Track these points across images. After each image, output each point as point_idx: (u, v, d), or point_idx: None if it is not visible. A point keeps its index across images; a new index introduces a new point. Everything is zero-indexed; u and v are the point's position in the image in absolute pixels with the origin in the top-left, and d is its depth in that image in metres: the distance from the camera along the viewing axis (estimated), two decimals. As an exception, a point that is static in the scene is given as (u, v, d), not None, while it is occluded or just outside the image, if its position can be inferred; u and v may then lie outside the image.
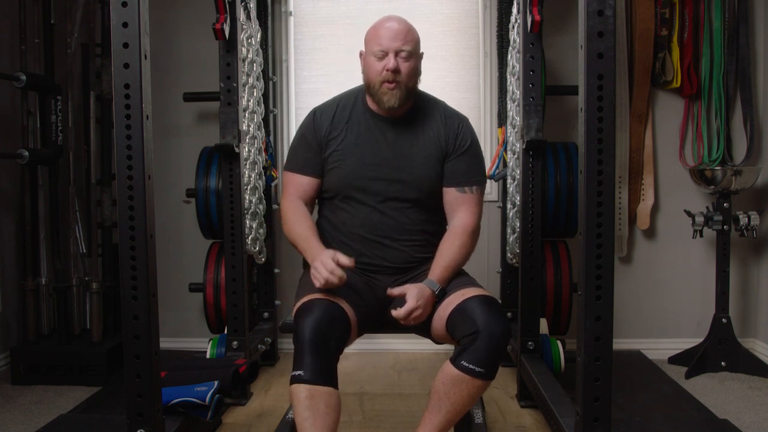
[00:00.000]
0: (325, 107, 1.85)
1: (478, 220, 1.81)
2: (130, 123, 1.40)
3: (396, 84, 1.71)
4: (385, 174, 1.76)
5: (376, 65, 1.71)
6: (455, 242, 1.75)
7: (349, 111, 1.82)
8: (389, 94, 1.72)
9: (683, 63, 2.95)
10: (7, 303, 2.84)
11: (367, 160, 1.77)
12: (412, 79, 1.74)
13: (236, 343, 2.48)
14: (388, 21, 1.74)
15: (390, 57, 1.70)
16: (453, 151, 1.80)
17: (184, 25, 3.13)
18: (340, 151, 1.78)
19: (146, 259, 1.43)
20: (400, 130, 1.79)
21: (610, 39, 1.32)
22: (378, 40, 1.71)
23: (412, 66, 1.73)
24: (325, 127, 1.80)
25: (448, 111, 1.86)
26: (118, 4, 1.38)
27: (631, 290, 3.08)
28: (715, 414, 2.26)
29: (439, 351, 3.01)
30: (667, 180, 3.07)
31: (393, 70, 1.69)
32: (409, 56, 1.72)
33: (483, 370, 1.51)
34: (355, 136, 1.79)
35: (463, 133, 1.82)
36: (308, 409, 1.45)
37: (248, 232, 2.61)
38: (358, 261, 1.76)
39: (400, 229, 1.78)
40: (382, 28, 1.72)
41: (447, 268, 1.71)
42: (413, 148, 1.78)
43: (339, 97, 1.88)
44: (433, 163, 1.78)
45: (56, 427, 1.96)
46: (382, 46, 1.70)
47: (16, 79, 2.58)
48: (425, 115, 1.82)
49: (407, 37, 1.71)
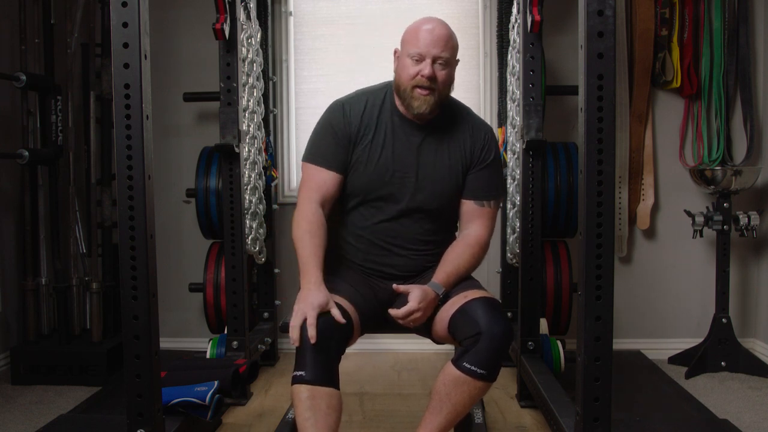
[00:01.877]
0: (354, 101, 1.75)
1: (491, 233, 1.78)
2: (130, 123, 1.40)
3: (430, 91, 1.65)
4: (408, 181, 1.72)
5: (411, 69, 1.64)
6: (466, 251, 1.72)
7: (378, 109, 1.73)
8: (421, 100, 1.66)
9: (683, 63, 2.95)
10: (7, 303, 2.84)
11: (391, 164, 1.71)
12: (446, 88, 1.69)
13: (236, 343, 2.48)
14: (430, 23, 1.65)
15: (427, 63, 1.63)
16: (477, 163, 1.75)
17: (184, 25, 3.13)
18: (366, 151, 1.71)
19: (146, 259, 1.43)
20: (426, 135, 1.74)
21: (610, 39, 1.32)
22: (417, 42, 1.64)
23: (448, 74, 1.67)
24: (355, 122, 1.71)
25: (476, 121, 1.80)
26: (118, 4, 1.38)
27: (631, 290, 3.08)
28: (715, 414, 2.26)
29: (439, 351, 3.01)
30: (667, 180, 3.07)
31: (429, 77, 1.63)
32: (447, 64, 1.66)
33: (485, 372, 1.51)
34: (382, 137, 1.72)
35: (488, 145, 1.77)
36: (310, 410, 1.45)
37: (248, 232, 2.61)
38: (363, 265, 1.76)
39: (411, 238, 1.75)
40: (423, 31, 1.64)
41: (453, 274, 1.68)
42: (438, 155, 1.73)
43: (366, 91, 1.79)
44: (455, 174, 1.74)
45: (56, 427, 1.96)
46: (420, 50, 1.63)
47: (16, 79, 2.58)
48: (453, 122, 1.76)
49: (448, 44, 1.64)
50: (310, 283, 1.56)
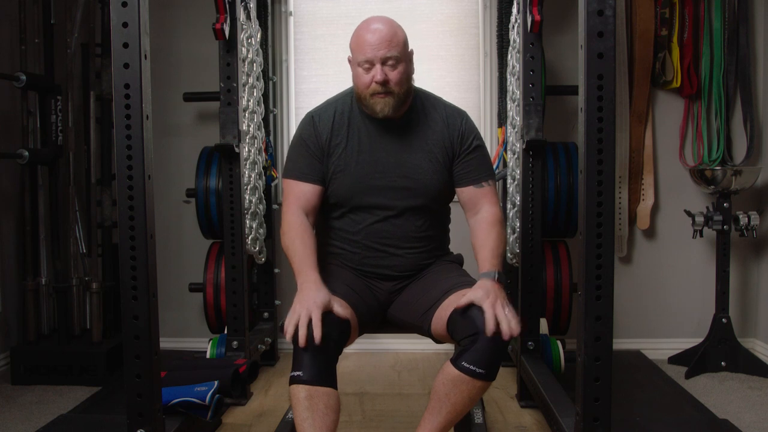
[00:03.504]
0: (322, 112, 1.76)
1: (501, 208, 1.80)
2: (130, 123, 1.40)
3: (387, 94, 1.64)
4: (391, 182, 1.71)
5: (364, 77, 1.64)
6: (491, 231, 1.69)
7: (347, 116, 1.74)
8: (381, 104, 1.65)
9: (683, 63, 2.95)
10: (7, 303, 2.84)
11: (370, 169, 1.71)
12: (404, 86, 1.66)
13: (236, 343, 2.48)
14: (371, 24, 1.63)
15: (377, 68, 1.61)
16: (462, 151, 1.75)
17: (184, 25, 3.13)
18: (342, 159, 1.71)
19: (146, 259, 1.43)
20: (401, 134, 1.74)
21: (610, 39, 1.32)
22: (363, 49, 1.62)
23: (402, 72, 1.65)
24: (325, 133, 1.72)
25: (449, 110, 1.79)
26: (118, 4, 1.38)
27: (631, 290, 3.08)
28: (715, 414, 2.26)
29: (439, 351, 3.01)
30: (667, 180, 3.07)
31: (381, 82, 1.62)
32: (397, 62, 1.63)
33: (483, 371, 1.50)
34: (356, 144, 1.72)
35: (467, 130, 1.76)
36: (308, 410, 1.45)
37: (248, 232, 2.61)
38: (360, 267, 1.76)
39: (405, 237, 1.74)
40: (365, 36, 1.62)
41: (494, 255, 1.65)
42: (417, 152, 1.73)
43: (333, 100, 1.79)
44: (438, 167, 1.74)
45: (56, 427, 1.96)
46: (367, 56, 1.62)
47: (16, 79, 2.58)
48: (426, 115, 1.76)
49: (392, 42, 1.61)
50: (309, 282, 1.55)
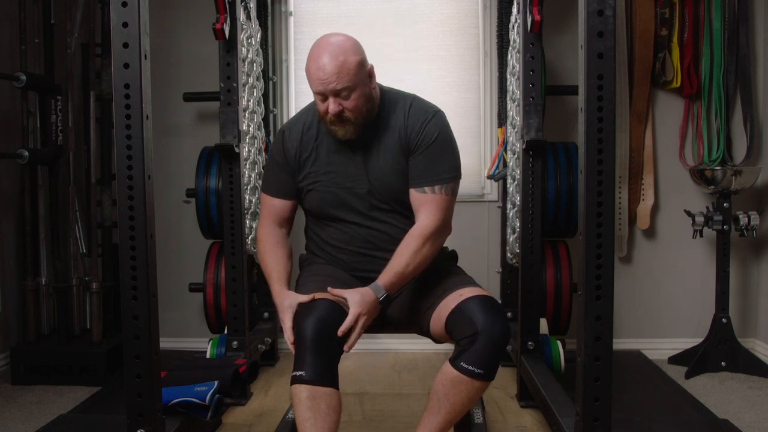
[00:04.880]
0: (292, 126, 1.78)
1: (440, 222, 1.66)
2: (130, 123, 1.40)
3: (345, 122, 1.63)
4: (360, 189, 1.71)
5: (320, 106, 1.63)
6: (410, 246, 1.63)
7: (315, 130, 1.73)
8: (342, 131, 1.64)
9: (683, 63, 2.95)
10: (7, 303, 2.84)
11: (340, 180, 1.71)
12: (361, 110, 1.63)
13: (236, 343, 2.48)
14: (320, 57, 1.57)
15: (330, 101, 1.59)
16: (414, 148, 1.68)
17: (184, 25, 3.13)
18: (313, 173, 1.73)
19: (146, 259, 1.43)
20: (367, 142, 1.71)
21: (610, 39, 1.32)
22: (313, 83, 1.60)
23: (356, 100, 1.60)
24: (294, 148, 1.74)
25: (415, 106, 1.72)
26: (118, 4, 1.38)
27: (631, 290, 3.08)
28: (715, 414, 2.26)
29: (439, 351, 3.01)
30: (667, 180, 3.07)
31: (336, 114, 1.60)
32: (351, 91, 1.59)
33: (482, 371, 1.50)
34: (325, 156, 1.72)
35: (428, 128, 1.68)
36: (309, 410, 1.45)
37: (248, 232, 2.61)
38: (353, 273, 1.77)
39: (386, 239, 1.73)
40: (315, 70, 1.58)
41: (397, 274, 1.61)
42: (380, 154, 1.70)
43: (303, 112, 1.80)
44: (399, 166, 1.69)
45: (56, 427, 1.96)
46: (318, 89, 1.60)
47: (16, 79, 2.58)
48: (388, 119, 1.71)
49: (341, 74, 1.56)
50: (275, 295, 1.68)
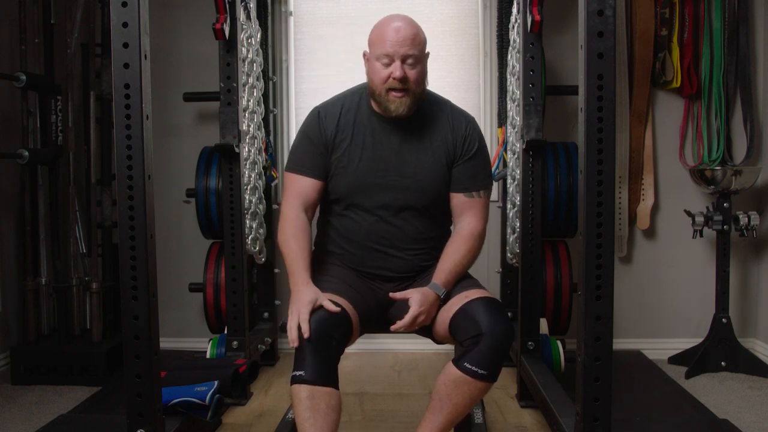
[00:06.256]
0: (329, 108, 1.76)
1: (485, 223, 1.76)
2: (130, 123, 1.40)
3: (404, 92, 1.63)
4: (392, 181, 1.71)
5: (382, 72, 1.63)
6: (462, 246, 1.71)
7: (354, 113, 1.73)
8: (397, 102, 1.64)
9: (683, 63, 2.95)
10: (7, 303, 2.84)
11: (373, 166, 1.71)
12: (420, 86, 1.67)
13: (236, 343, 2.48)
14: (394, 22, 1.63)
15: (397, 64, 1.61)
16: (461, 155, 1.73)
17: (184, 25, 3.13)
18: (346, 156, 1.71)
19: (146, 259, 1.43)
20: (406, 134, 1.73)
21: (610, 39, 1.32)
22: (383, 44, 1.61)
23: (420, 71, 1.65)
24: (330, 129, 1.72)
25: (455, 113, 1.78)
26: (118, 4, 1.38)
27: (631, 290, 3.08)
28: (715, 414, 2.26)
29: (439, 351, 3.01)
30: (667, 180, 3.07)
31: (400, 78, 1.61)
32: (417, 62, 1.63)
33: (486, 372, 1.51)
34: (361, 140, 1.71)
35: (471, 136, 1.75)
36: (309, 410, 1.45)
37: (248, 232, 2.61)
38: (360, 269, 1.76)
39: (405, 238, 1.73)
40: (388, 31, 1.61)
41: (452, 272, 1.67)
42: (420, 153, 1.72)
43: (341, 96, 1.79)
44: (440, 168, 1.73)
45: (56, 427, 1.96)
46: (387, 52, 1.60)
47: (16, 79, 2.58)
48: (432, 117, 1.75)
49: (415, 41, 1.61)
50: (298, 285, 1.60)
